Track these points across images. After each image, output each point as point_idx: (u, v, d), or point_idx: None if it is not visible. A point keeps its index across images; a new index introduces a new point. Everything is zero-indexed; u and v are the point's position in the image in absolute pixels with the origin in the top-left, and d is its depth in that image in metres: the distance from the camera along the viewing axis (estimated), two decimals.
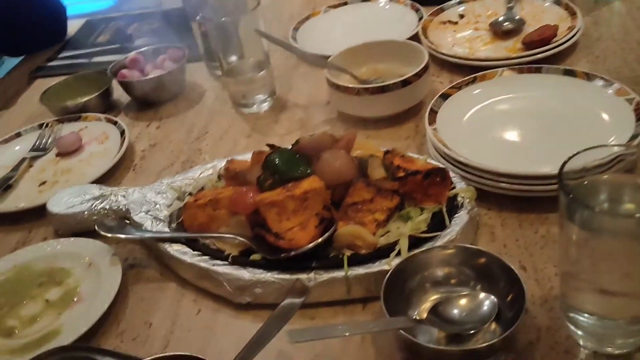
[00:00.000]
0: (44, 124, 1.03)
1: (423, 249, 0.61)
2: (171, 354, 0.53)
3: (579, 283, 0.49)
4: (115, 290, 0.67)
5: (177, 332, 0.64)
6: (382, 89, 0.85)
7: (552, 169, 0.67)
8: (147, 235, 0.72)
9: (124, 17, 1.48)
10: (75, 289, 0.70)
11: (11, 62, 1.93)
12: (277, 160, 0.68)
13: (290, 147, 0.72)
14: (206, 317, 0.65)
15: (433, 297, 0.60)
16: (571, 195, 0.45)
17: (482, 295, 0.58)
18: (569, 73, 0.83)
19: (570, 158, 0.47)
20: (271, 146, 0.72)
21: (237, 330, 0.63)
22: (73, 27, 1.45)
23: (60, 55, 1.33)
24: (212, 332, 0.63)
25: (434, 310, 0.57)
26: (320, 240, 0.63)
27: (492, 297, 0.57)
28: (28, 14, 1.29)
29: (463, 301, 0.58)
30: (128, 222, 0.75)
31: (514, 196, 0.70)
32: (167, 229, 0.72)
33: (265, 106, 0.99)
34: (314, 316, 0.62)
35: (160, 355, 0.53)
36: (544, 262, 0.63)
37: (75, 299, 0.69)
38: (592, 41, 0.99)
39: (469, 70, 0.92)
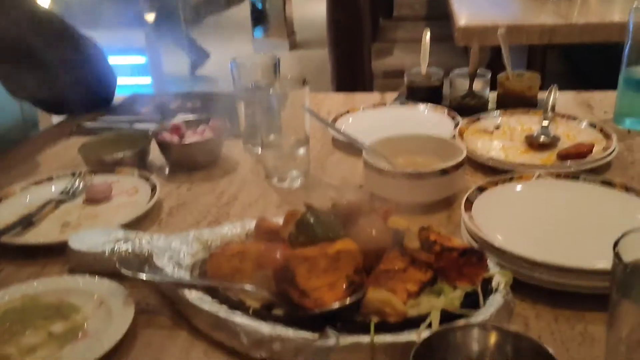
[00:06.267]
0: (77, 172, 1.04)
1: (456, 324, 0.58)
2: None
3: None
4: (123, 331, 0.64)
5: None
6: (420, 175, 0.85)
7: (591, 264, 0.66)
8: (169, 279, 0.69)
9: (168, 95, 1.55)
10: (81, 324, 0.67)
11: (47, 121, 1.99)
12: (311, 220, 0.67)
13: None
14: None
15: None
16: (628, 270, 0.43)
17: None
18: (607, 184, 0.84)
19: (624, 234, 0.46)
20: (308, 205, 0.71)
21: None
22: (118, 98, 1.50)
23: (103, 118, 1.37)
24: None
25: None
26: (348, 301, 0.60)
27: None
28: (79, 77, 1.31)
29: None
30: (149, 266, 0.73)
31: (549, 290, 0.67)
32: (188, 277, 0.70)
33: (298, 182, 1.00)
34: None
35: None
36: (582, 358, 0.59)
37: (80, 335, 0.66)
38: (626, 164, 1.00)
39: (503, 175, 0.92)
